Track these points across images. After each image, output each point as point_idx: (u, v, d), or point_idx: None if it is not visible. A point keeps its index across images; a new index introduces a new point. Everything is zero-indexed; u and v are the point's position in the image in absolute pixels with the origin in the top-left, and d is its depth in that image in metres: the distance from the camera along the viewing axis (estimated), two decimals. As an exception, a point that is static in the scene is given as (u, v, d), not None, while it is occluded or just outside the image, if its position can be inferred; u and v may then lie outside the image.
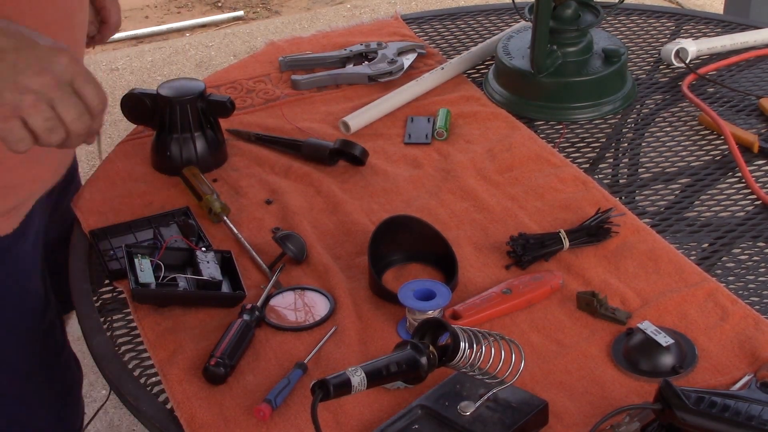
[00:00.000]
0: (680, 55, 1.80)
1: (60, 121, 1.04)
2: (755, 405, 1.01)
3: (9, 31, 1.01)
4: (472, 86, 1.77)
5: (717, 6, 4.17)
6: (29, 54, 1.01)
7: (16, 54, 1.00)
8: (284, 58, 1.83)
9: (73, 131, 1.05)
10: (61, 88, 1.03)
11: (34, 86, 1.01)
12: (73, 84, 1.03)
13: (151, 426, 1.16)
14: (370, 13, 4.35)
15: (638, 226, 1.39)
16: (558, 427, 1.09)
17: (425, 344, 1.03)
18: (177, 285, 1.27)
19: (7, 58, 1.00)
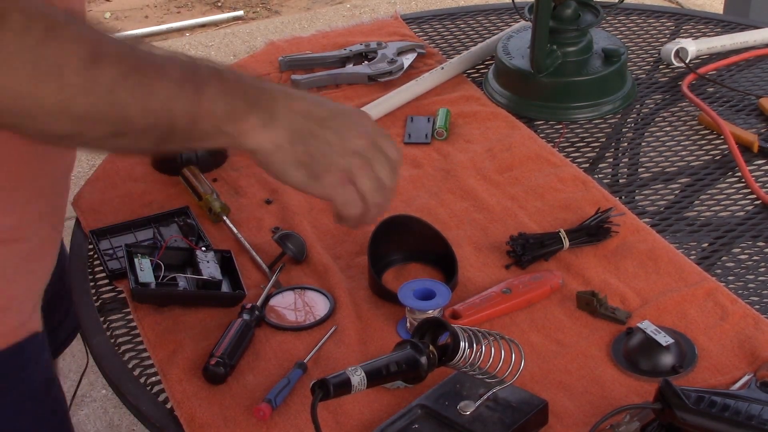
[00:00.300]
0: (680, 55, 1.80)
1: (379, 180, 1.08)
2: (755, 404, 1.01)
3: (319, 101, 1.07)
4: (472, 86, 1.77)
5: (717, 6, 4.17)
6: (345, 119, 1.07)
7: (335, 121, 1.05)
8: (284, 58, 1.83)
9: (388, 186, 1.10)
10: (374, 147, 1.08)
11: (358, 149, 1.06)
12: (377, 142, 1.09)
13: (151, 426, 1.16)
14: (370, 12, 4.36)
15: (638, 225, 1.39)
16: (558, 427, 1.09)
17: (425, 344, 1.03)
18: (177, 285, 1.27)
19: (330, 126, 1.04)
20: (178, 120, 0.95)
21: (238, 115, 0.98)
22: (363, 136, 1.07)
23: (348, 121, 1.07)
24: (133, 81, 0.91)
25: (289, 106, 1.02)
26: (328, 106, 1.07)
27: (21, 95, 0.87)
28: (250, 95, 0.99)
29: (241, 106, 0.98)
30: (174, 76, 0.94)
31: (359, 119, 1.09)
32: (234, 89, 0.98)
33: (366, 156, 1.06)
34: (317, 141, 1.03)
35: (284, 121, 1.01)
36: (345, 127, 1.06)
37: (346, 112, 1.08)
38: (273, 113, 1.00)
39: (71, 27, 0.89)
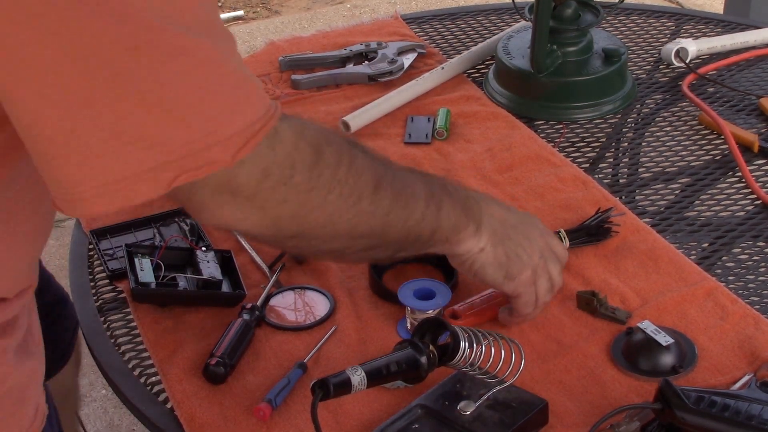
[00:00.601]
0: (680, 55, 1.80)
1: (552, 279, 1.17)
2: (755, 404, 1.01)
3: (505, 207, 1.16)
4: (472, 86, 1.77)
5: (717, 6, 4.17)
6: (528, 223, 1.16)
7: (522, 226, 1.15)
8: (284, 58, 1.83)
9: (558, 285, 1.19)
10: (548, 248, 1.17)
11: (540, 251, 1.15)
12: (549, 243, 1.18)
13: (151, 426, 1.16)
14: (370, 12, 4.35)
15: (638, 225, 1.39)
16: (558, 427, 1.09)
17: (425, 344, 1.03)
18: (177, 284, 1.27)
19: (520, 230, 1.14)
20: (424, 234, 1.04)
21: (460, 228, 1.08)
22: (541, 237, 1.16)
23: (530, 225, 1.16)
24: (400, 202, 1.00)
25: (489, 212, 1.11)
26: (513, 212, 1.16)
27: (326, 223, 0.94)
28: (466, 206, 1.09)
29: (462, 218, 1.08)
30: (422, 194, 1.03)
31: (536, 222, 1.18)
32: (457, 202, 1.08)
33: (544, 257, 1.15)
34: (512, 243, 1.13)
35: (488, 227, 1.10)
36: (529, 230, 1.15)
37: (526, 216, 1.18)
38: (480, 221, 1.10)
39: (359, 155, 0.96)
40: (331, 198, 0.93)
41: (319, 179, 0.91)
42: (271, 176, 0.87)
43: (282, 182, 0.88)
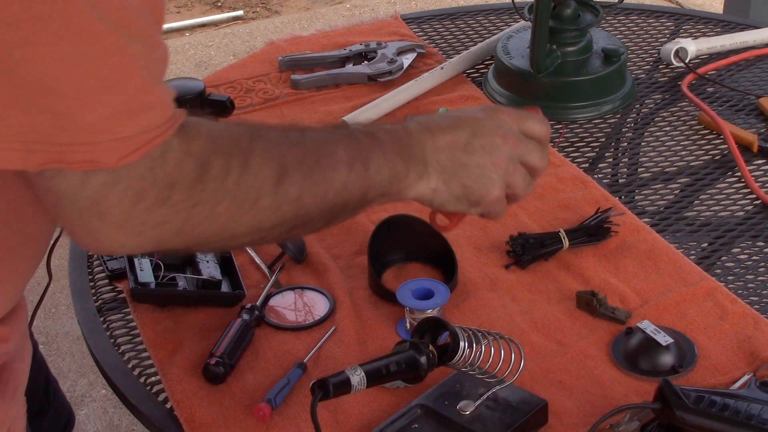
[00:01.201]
0: (680, 55, 1.80)
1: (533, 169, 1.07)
2: (754, 404, 1.01)
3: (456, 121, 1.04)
4: (472, 86, 1.77)
5: (717, 6, 4.17)
6: (486, 131, 1.04)
7: (478, 139, 1.03)
8: (284, 58, 1.83)
9: (541, 169, 1.08)
10: (520, 140, 1.05)
11: (506, 155, 1.04)
12: (522, 130, 1.06)
13: (151, 426, 1.16)
14: (369, 12, 4.35)
15: (638, 225, 1.39)
16: (558, 427, 1.09)
17: (425, 343, 1.03)
18: (176, 284, 1.27)
19: (475, 147, 1.03)
20: (351, 199, 0.97)
21: (399, 177, 0.99)
22: (507, 137, 1.04)
23: (489, 131, 1.04)
24: (314, 181, 0.92)
25: (434, 146, 1.01)
26: (466, 124, 1.04)
27: (219, 231, 0.88)
28: (404, 151, 1.00)
29: (400, 166, 0.99)
30: (344, 159, 0.95)
31: (496, 119, 1.05)
32: (391, 151, 0.99)
33: (515, 155, 1.05)
34: (468, 170, 1.03)
35: (434, 164, 1.01)
36: (488, 139, 1.04)
37: (482, 120, 1.05)
38: (425, 161, 1.01)
39: (257, 149, 0.89)
40: (220, 209, 0.86)
41: (203, 194, 0.84)
42: (146, 199, 0.81)
43: (158, 203, 0.82)
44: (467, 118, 1.05)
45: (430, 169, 1.01)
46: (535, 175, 1.08)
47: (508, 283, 1.30)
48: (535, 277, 1.31)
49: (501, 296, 1.28)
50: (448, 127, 1.03)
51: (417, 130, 1.01)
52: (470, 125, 1.04)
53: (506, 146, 1.04)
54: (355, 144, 0.97)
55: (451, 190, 1.03)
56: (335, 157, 0.94)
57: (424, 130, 1.02)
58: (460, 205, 1.05)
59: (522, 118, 1.06)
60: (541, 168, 1.07)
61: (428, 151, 1.01)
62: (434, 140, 1.02)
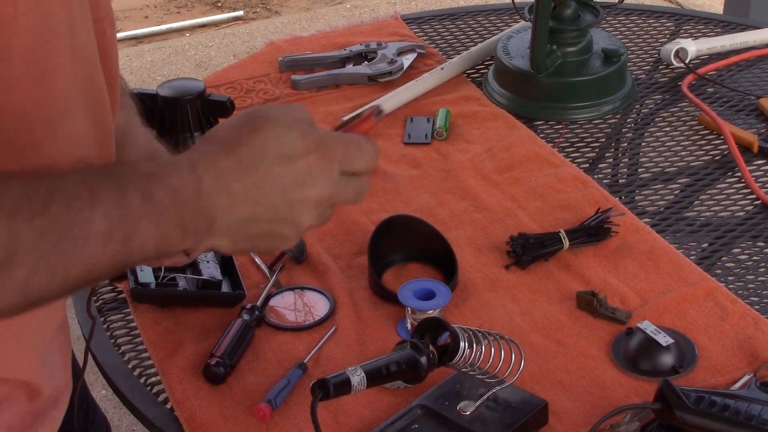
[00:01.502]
0: (680, 55, 1.80)
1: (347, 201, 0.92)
2: (755, 405, 1.01)
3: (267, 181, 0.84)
4: (472, 86, 1.77)
5: (717, 6, 4.17)
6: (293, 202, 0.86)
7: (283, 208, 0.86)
8: (284, 58, 1.83)
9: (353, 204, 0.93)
10: (335, 187, 0.87)
11: (313, 217, 0.87)
12: (342, 171, 0.87)
13: (151, 426, 1.16)
14: (369, 13, 4.36)
15: (638, 225, 1.39)
16: (558, 427, 1.09)
17: (425, 344, 1.03)
18: (177, 285, 1.27)
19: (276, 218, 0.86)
20: (102, 274, 0.81)
21: (170, 244, 0.82)
22: (319, 199, 0.86)
23: (298, 202, 0.85)
24: (52, 261, 0.76)
25: (230, 208, 0.83)
26: (273, 192, 0.84)
27: None
28: (186, 217, 0.81)
29: (175, 235, 0.82)
30: (100, 230, 0.77)
31: (314, 181, 0.85)
32: (167, 218, 0.80)
33: (325, 205, 0.88)
34: (262, 238, 0.87)
35: (224, 228, 0.84)
36: (295, 209, 0.86)
37: (295, 188, 0.85)
38: (211, 226, 0.83)
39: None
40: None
41: None
42: None
43: None
44: (275, 182, 0.84)
45: (215, 232, 0.84)
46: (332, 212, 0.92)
47: (509, 283, 1.30)
48: (535, 277, 1.31)
49: (501, 296, 1.28)
50: (253, 193, 0.83)
51: (212, 190, 0.82)
52: (279, 193, 0.85)
53: (315, 209, 0.87)
54: (121, 209, 0.78)
55: (237, 247, 0.87)
56: (89, 228, 0.77)
57: (222, 190, 0.82)
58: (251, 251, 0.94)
59: (347, 156, 0.87)
60: (353, 204, 0.93)
61: (220, 213, 0.83)
62: (232, 203, 0.83)
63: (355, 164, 0.88)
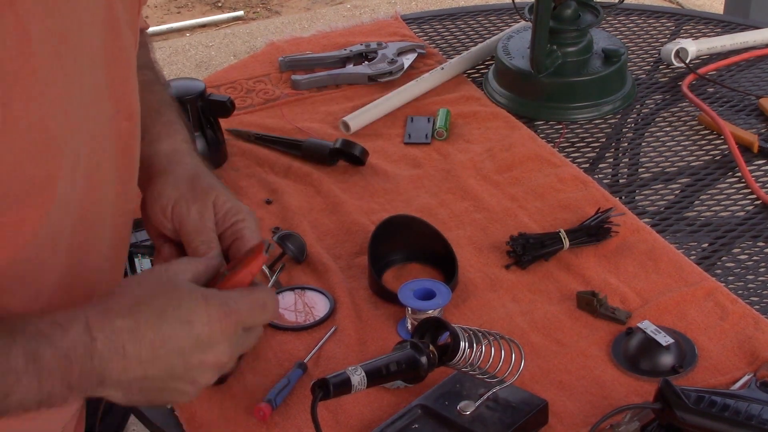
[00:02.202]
0: (680, 55, 1.80)
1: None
2: (755, 404, 1.01)
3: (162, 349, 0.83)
4: (472, 86, 1.77)
5: (717, 6, 4.17)
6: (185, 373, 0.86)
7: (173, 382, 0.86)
8: (284, 58, 1.83)
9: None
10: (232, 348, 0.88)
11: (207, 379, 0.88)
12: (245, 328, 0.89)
13: (151, 426, 1.16)
14: (370, 13, 4.35)
15: (638, 225, 1.39)
16: (558, 427, 1.09)
17: (425, 343, 1.03)
18: (177, 285, 1.27)
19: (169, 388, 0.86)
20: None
21: (54, 399, 0.81)
22: (224, 356, 0.87)
23: (203, 356, 0.85)
24: None
25: (122, 370, 0.82)
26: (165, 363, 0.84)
27: None
28: (74, 377, 0.80)
29: (60, 391, 0.80)
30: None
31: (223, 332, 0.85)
32: (51, 378, 0.79)
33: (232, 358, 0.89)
34: (161, 393, 0.87)
35: (115, 385, 0.83)
36: (186, 381, 0.86)
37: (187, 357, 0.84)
38: (103, 383, 0.82)
39: None
40: None
41: None
42: None
43: None
44: (173, 345, 0.84)
45: (107, 387, 0.83)
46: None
47: (509, 283, 1.30)
48: (535, 277, 1.31)
49: (501, 296, 1.28)
50: (148, 354, 0.83)
51: (105, 351, 0.81)
52: (175, 355, 0.84)
53: (213, 370, 0.87)
54: (2, 369, 0.78)
55: (130, 399, 0.86)
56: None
57: (115, 351, 0.81)
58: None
59: (251, 317, 0.88)
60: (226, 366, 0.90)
61: (112, 373, 0.82)
62: (125, 364, 0.82)
63: (257, 322, 0.89)
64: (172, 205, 1.00)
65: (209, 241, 0.98)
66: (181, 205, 1.00)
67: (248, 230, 1.00)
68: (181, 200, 1.00)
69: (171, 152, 1.05)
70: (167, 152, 1.05)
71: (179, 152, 1.05)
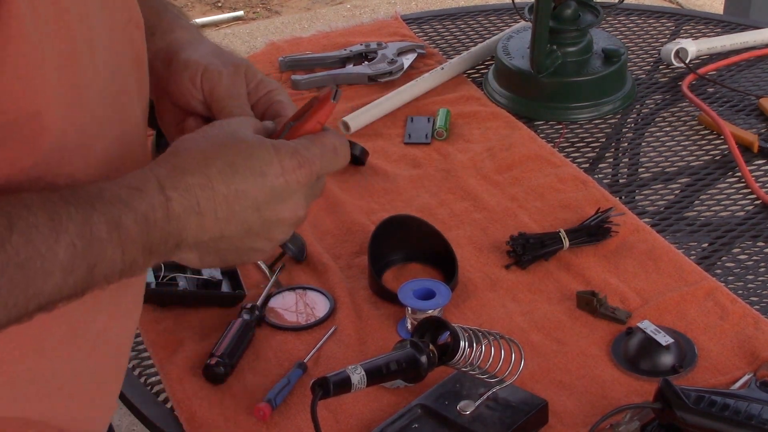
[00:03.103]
0: (680, 55, 1.80)
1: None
2: (755, 404, 1.01)
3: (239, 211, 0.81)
4: (472, 86, 1.77)
5: (717, 6, 4.17)
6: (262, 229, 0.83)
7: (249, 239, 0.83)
8: (284, 58, 1.83)
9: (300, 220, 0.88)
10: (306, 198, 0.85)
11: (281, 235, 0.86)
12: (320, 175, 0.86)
13: (151, 426, 1.16)
14: (370, 13, 4.35)
15: (638, 225, 1.39)
16: (558, 427, 1.09)
17: (425, 343, 1.03)
18: (177, 284, 1.27)
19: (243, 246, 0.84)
20: (64, 299, 0.76)
21: (136, 267, 0.79)
22: (299, 209, 0.85)
23: (278, 209, 0.83)
24: (12, 293, 0.71)
25: (200, 230, 0.80)
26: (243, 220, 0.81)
27: None
28: (154, 242, 0.78)
29: (140, 258, 0.78)
30: (63, 262, 0.73)
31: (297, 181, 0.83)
32: (133, 244, 0.77)
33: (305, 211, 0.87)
34: (230, 254, 0.85)
35: (191, 246, 0.81)
36: (262, 238, 0.84)
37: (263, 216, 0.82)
38: (179, 245, 0.80)
39: None
40: None
41: None
42: None
43: None
44: (248, 200, 0.81)
45: (183, 249, 0.81)
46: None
47: (509, 283, 1.30)
48: (535, 277, 1.31)
49: (501, 296, 1.28)
50: (223, 211, 0.80)
51: (181, 211, 0.78)
52: (251, 211, 0.82)
53: (289, 225, 0.85)
54: (86, 240, 0.74)
55: (204, 261, 0.84)
56: (50, 261, 0.72)
57: (191, 209, 0.79)
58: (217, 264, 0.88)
59: (324, 163, 0.85)
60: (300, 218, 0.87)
61: (189, 234, 0.80)
62: (201, 222, 0.80)
63: (331, 168, 0.85)
64: (201, 72, 0.94)
65: (243, 105, 0.93)
66: (211, 72, 0.94)
67: (284, 98, 0.95)
68: (210, 67, 0.94)
69: (189, 38, 0.97)
70: (185, 38, 0.97)
71: (197, 38, 0.98)
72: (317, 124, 0.86)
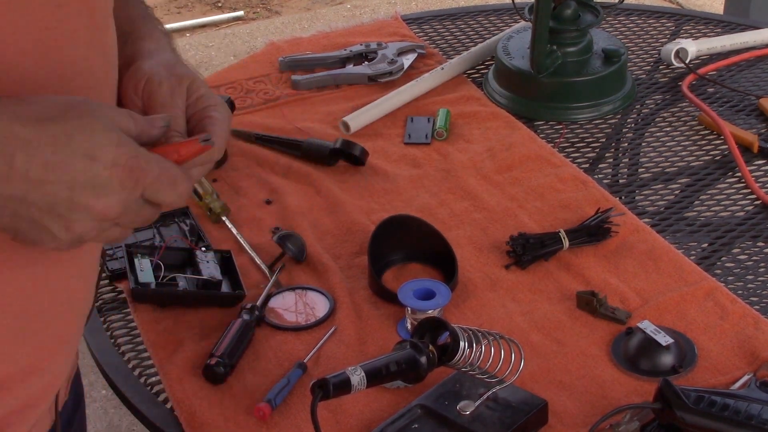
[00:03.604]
0: (680, 55, 1.80)
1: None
2: (755, 404, 1.01)
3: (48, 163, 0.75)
4: (472, 86, 1.77)
5: (717, 6, 4.17)
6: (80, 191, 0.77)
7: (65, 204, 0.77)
8: (284, 58, 1.83)
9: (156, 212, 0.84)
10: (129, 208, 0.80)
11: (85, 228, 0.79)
12: (146, 197, 0.80)
13: (151, 426, 1.16)
14: (370, 13, 4.35)
15: (638, 225, 1.39)
16: (558, 427, 1.09)
17: (425, 343, 1.03)
18: (177, 284, 1.27)
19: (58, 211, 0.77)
20: None
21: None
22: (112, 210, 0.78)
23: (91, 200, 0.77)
24: None
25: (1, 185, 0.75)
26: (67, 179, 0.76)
27: None
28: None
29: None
30: None
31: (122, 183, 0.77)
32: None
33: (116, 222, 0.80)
34: (30, 224, 0.78)
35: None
36: (83, 209, 0.77)
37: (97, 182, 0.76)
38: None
39: None
40: None
41: None
42: None
43: None
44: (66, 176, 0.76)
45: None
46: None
47: (509, 283, 1.30)
48: (535, 277, 1.31)
49: (501, 296, 1.28)
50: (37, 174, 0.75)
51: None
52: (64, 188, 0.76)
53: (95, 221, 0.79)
54: None
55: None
56: None
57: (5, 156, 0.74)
58: None
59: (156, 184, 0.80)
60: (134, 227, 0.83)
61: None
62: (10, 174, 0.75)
63: (159, 196, 0.81)
64: (144, 81, 0.93)
65: (177, 116, 0.91)
66: (153, 82, 0.93)
67: (218, 115, 0.93)
68: (154, 77, 0.94)
69: (151, 48, 0.99)
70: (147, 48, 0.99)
71: (160, 49, 1.00)
72: (174, 152, 0.85)
